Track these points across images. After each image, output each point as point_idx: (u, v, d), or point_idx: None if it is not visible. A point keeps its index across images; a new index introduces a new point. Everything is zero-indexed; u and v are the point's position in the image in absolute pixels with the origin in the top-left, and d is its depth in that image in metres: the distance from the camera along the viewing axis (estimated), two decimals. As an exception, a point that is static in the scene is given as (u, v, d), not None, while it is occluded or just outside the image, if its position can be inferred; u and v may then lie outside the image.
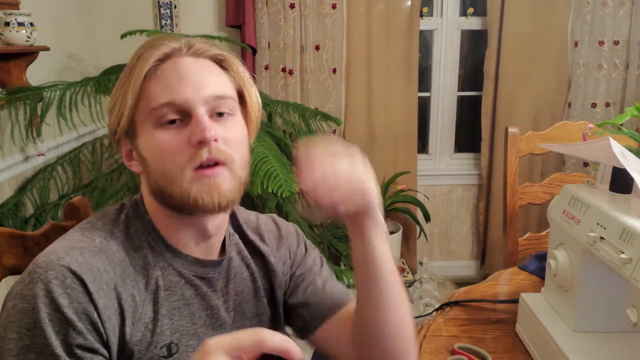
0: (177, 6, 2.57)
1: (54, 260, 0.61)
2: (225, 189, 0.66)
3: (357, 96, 2.69)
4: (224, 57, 0.71)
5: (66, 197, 1.90)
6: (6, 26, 1.69)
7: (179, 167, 0.65)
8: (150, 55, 0.67)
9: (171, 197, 0.67)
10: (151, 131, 0.66)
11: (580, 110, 2.68)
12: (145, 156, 0.68)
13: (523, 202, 1.47)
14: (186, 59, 0.68)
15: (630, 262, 0.68)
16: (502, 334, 0.98)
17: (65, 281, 0.60)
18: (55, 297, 0.59)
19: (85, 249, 0.64)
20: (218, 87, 0.68)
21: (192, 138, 0.64)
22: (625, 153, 0.77)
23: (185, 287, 0.71)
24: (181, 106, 0.65)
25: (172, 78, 0.66)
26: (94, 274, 0.62)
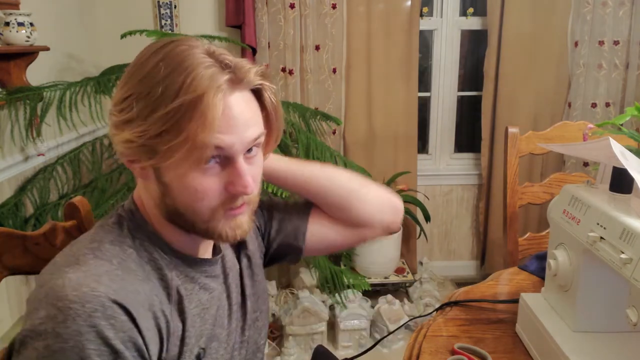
0: (177, 6, 2.57)
1: (88, 292, 0.57)
2: (246, 224, 0.69)
3: (357, 96, 2.69)
4: (264, 87, 0.68)
5: (66, 197, 1.90)
6: (6, 26, 1.69)
7: (211, 209, 0.65)
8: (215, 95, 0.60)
9: (190, 226, 0.67)
10: (187, 168, 0.62)
11: (580, 110, 2.68)
12: (169, 184, 0.64)
13: (523, 202, 1.47)
14: (235, 96, 0.63)
15: (630, 262, 0.68)
16: (502, 334, 0.98)
17: (107, 312, 0.57)
18: (100, 330, 0.55)
19: (111, 273, 0.61)
20: (257, 128, 0.66)
21: (231, 188, 0.65)
22: (625, 153, 0.77)
23: (200, 292, 0.71)
24: (225, 151, 0.63)
25: (222, 123, 0.61)
26: (131, 298, 0.60)
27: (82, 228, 0.90)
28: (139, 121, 0.61)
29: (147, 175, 0.66)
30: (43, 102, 1.82)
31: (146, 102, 0.61)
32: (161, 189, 0.66)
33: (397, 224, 0.95)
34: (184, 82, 0.60)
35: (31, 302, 0.59)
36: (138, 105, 0.61)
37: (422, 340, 0.96)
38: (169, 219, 0.68)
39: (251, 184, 0.65)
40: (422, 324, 1.03)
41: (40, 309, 0.57)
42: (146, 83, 0.61)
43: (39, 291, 0.60)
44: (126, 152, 0.64)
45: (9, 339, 0.84)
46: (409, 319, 2.31)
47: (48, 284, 0.59)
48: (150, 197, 0.69)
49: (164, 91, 0.60)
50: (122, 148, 0.64)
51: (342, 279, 2.12)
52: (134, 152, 0.63)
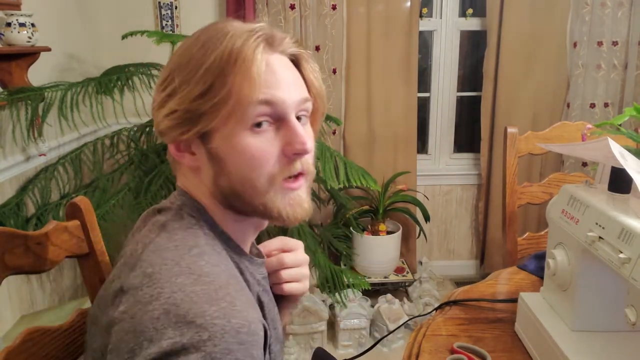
0: (177, 7, 2.57)
1: (229, 307, 0.52)
2: (307, 202, 0.65)
3: (357, 96, 2.69)
4: (302, 55, 0.67)
5: (67, 197, 1.90)
6: (7, 27, 1.70)
7: (270, 177, 0.60)
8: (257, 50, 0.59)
9: (248, 204, 0.62)
10: (239, 132, 0.59)
11: (579, 110, 2.68)
12: (224, 157, 0.60)
13: (522, 202, 1.47)
14: (274, 57, 0.62)
15: (628, 261, 0.68)
16: (501, 333, 0.98)
17: (251, 327, 0.52)
18: (248, 347, 0.51)
19: (231, 282, 0.56)
20: (302, 90, 0.64)
21: (289, 148, 0.60)
22: (623, 153, 0.77)
23: (263, 294, 0.68)
24: (277, 107, 0.60)
25: (267, 74, 0.59)
26: (256, 310, 0.56)
27: (84, 228, 0.90)
28: (181, 89, 0.60)
29: (198, 159, 0.63)
30: (44, 103, 1.82)
31: (187, 70, 0.60)
32: (214, 168, 0.61)
33: None
34: (221, 43, 0.59)
35: (137, 322, 0.51)
36: (179, 76, 0.60)
37: (422, 339, 0.97)
38: (226, 203, 0.63)
39: (309, 141, 0.61)
40: (421, 323, 1.04)
41: (164, 329, 0.49)
42: (186, 55, 0.61)
43: (147, 308, 0.51)
44: (172, 126, 0.61)
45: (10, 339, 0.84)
46: (408, 318, 2.32)
47: (161, 300, 0.51)
48: (203, 188, 0.64)
49: (204, 54, 0.59)
50: (167, 123, 0.61)
51: (342, 279, 2.12)
52: (179, 123, 0.60)
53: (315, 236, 2.28)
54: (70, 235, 0.89)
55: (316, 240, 2.21)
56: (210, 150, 0.61)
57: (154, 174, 1.87)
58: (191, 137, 0.61)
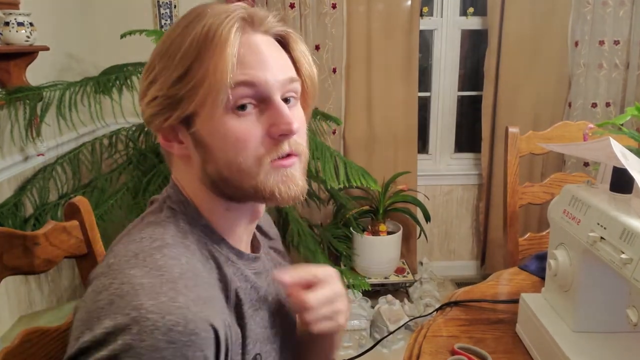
0: (177, 6, 2.57)
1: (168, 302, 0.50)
2: (300, 180, 0.63)
3: (357, 96, 2.69)
4: (289, 35, 0.64)
5: (66, 197, 1.90)
6: (6, 26, 1.69)
7: (256, 160, 0.59)
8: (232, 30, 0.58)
9: (238, 189, 0.61)
10: (221, 115, 0.58)
11: (581, 110, 2.68)
12: (208, 142, 0.59)
13: (523, 202, 1.47)
14: (257, 37, 0.60)
15: (630, 262, 0.68)
16: (502, 334, 0.98)
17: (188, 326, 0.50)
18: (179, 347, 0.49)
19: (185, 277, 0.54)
20: (288, 70, 0.62)
21: (273, 129, 0.59)
22: (625, 153, 0.77)
23: (252, 292, 0.65)
24: (259, 88, 0.58)
25: (247, 56, 0.58)
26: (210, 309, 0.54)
27: (83, 228, 0.90)
28: (161, 75, 0.59)
29: (186, 147, 0.62)
30: (43, 102, 1.82)
31: (167, 56, 0.59)
32: (201, 155, 0.61)
33: None
34: (200, 27, 0.58)
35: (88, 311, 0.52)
36: (160, 62, 0.60)
37: (422, 340, 0.96)
38: (216, 191, 0.62)
39: (294, 122, 0.59)
40: (422, 324, 1.03)
41: (103, 318, 0.50)
42: (166, 41, 0.61)
43: (98, 298, 0.52)
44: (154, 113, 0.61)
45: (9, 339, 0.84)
46: (409, 319, 2.31)
47: (110, 290, 0.52)
48: (193, 177, 0.63)
49: (182, 39, 0.59)
50: (150, 111, 0.61)
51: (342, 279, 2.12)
52: (161, 109, 0.60)
53: (315, 236, 2.27)
54: (68, 236, 0.88)
55: (316, 240, 2.21)
56: (194, 136, 0.60)
57: (153, 173, 1.87)
58: (175, 124, 0.60)
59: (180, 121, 0.60)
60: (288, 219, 2.07)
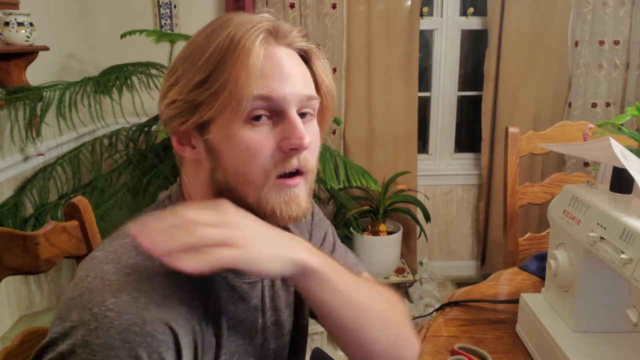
0: (176, 6, 2.57)
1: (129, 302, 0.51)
2: (304, 201, 0.62)
3: (357, 96, 2.69)
4: (312, 50, 0.64)
5: (66, 197, 1.90)
6: (6, 26, 1.69)
7: (263, 172, 0.58)
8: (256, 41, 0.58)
9: (242, 202, 0.59)
10: (236, 125, 0.58)
11: (581, 110, 2.68)
12: (219, 150, 0.59)
13: (523, 202, 1.47)
14: (280, 50, 0.61)
15: (630, 262, 0.68)
16: (502, 334, 0.98)
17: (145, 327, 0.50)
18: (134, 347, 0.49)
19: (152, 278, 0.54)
20: (308, 88, 0.62)
21: (285, 143, 0.58)
22: (625, 153, 0.77)
23: (238, 302, 0.64)
24: (276, 102, 0.58)
25: (268, 68, 0.58)
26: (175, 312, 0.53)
27: (83, 228, 0.90)
28: (182, 78, 0.59)
29: (198, 152, 0.61)
30: (43, 102, 1.82)
31: (190, 59, 0.59)
32: (212, 161, 0.60)
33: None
34: (223, 32, 0.59)
35: (64, 301, 0.53)
36: (182, 65, 0.60)
37: (422, 340, 0.96)
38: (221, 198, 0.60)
39: (307, 136, 0.58)
40: (422, 324, 1.03)
41: (72, 310, 0.51)
42: (191, 45, 0.61)
43: (74, 288, 0.54)
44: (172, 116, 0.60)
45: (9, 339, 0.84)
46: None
47: (84, 282, 0.53)
48: (201, 182, 0.63)
49: (207, 43, 0.59)
50: (168, 113, 0.61)
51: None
52: (179, 113, 0.59)
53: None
54: (68, 236, 0.89)
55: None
56: (207, 142, 0.60)
57: (153, 173, 1.87)
58: (190, 129, 0.60)
59: (196, 126, 0.60)
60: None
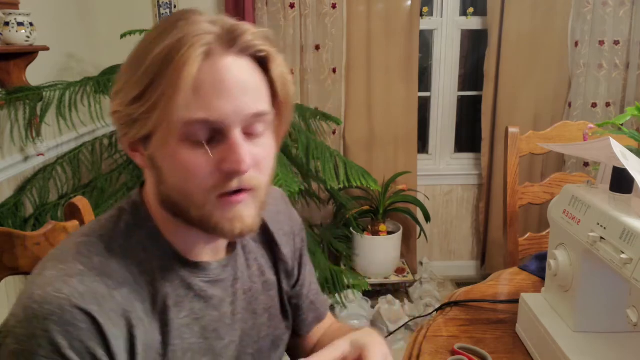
0: (176, 6, 2.57)
1: (51, 292, 0.53)
2: (248, 216, 0.60)
3: (357, 96, 2.69)
4: (269, 55, 0.59)
5: (66, 197, 1.90)
6: (6, 26, 1.69)
7: (203, 192, 0.57)
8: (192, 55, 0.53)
9: (186, 214, 0.59)
10: (176, 144, 0.55)
11: (581, 110, 2.68)
12: (161, 167, 0.58)
13: (523, 202, 1.47)
14: (227, 60, 0.56)
15: (630, 262, 0.68)
16: (502, 334, 0.98)
17: (64, 317, 0.52)
18: (52, 336, 0.51)
19: (85, 273, 0.56)
20: (257, 103, 0.57)
21: (224, 166, 0.56)
22: (625, 153, 0.77)
23: (194, 301, 0.64)
24: (216, 124, 0.55)
25: (210, 87, 0.54)
26: (99, 304, 0.54)
27: (82, 228, 0.90)
28: (123, 88, 0.57)
29: (145, 162, 0.61)
30: (43, 102, 1.82)
31: (133, 68, 0.56)
32: (155, 175, 0.60)
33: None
34: (163, 45, 0.54)
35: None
36: (126, 73, 0.57)
37: (422, 340, 0.96)
38: (167, 209, 0.61)
39: (247, 160, 0.55)
40: (422, 324, 1.03)
41: (18, 302, 0.55)
42: (137, 49, 0.58)
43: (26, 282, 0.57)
44: (116, 127, 0.59)
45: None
46: (408, 319, 2.31)
47: (31, 277, 0.57)
48: (152, 186, 0.63)
49: (148, 52, 0.55)
50: (113, 121, 0.60)
51: (342, 279, 2.12)
52: (121, 124, 0.58)
53: (315, 236, 2.28)
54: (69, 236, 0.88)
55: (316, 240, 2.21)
56: (149, 157, 0.59)
57: (153, 173, 1.87)
58: (133, 140, 0.59)
59: (139, 139, 0.58)
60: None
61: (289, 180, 1.63)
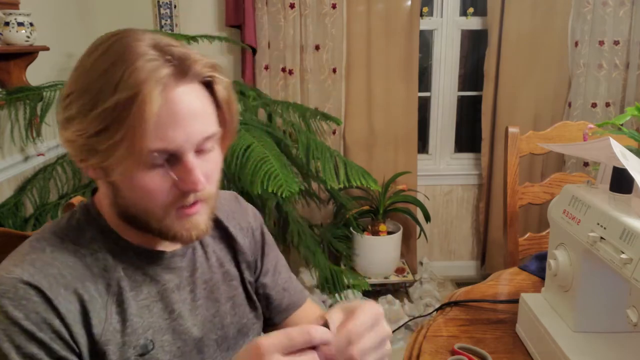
0: (177, 6, 2.57)
1: (3, 275, 0.60)
2: (203, 223, 0.67)
3: (357, 96, 2.69)
4: (215, 79, 0.65)
5: (66, 197, 1.90)
6: (6, 26, 1.69)
7: (162, 208, 0.64)
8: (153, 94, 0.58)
9: (145, 225, 0.66)
10: (134, 167, 0.60)
11: (581, 110, 2.68)
12: (119, 186, 0.63)
13: (523, 202, 1.47)
14: (179, 90, 0.60)
15: (630, 262, 0.68)
16: (502, 334, 0.98)
17: (18, 292, 0.58)
18: (7, 310, 0.57)
19: (36, 259, 0.62)
20: (207, 127, 0.64)
21: (182, 185, 0.62)
22: (625, 153, 0.77)
23: (150, 285, 0.70)
24: (172, 152, 0.61)
25: (166, 120, 0.59)
26: (49, 281, 0.60)
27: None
28: (78, 119, 0.60)
29: (97, 175, 0.65)
30: (43, 102, 1.82)
31: (85, 100, 0.59)
32: (111, 189, 0.65)
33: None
34: (122, 77, 0.57)
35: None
36: (78, 102, 0.60)
37: (422, 340, 0.96)
38: (124, 218, 0.67)
39: (202, 180, 0.62)
40: (422, 324, 1.03)
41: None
42: (86, 79, 0.60)
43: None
44: (70, 151, 0.63)
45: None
46: (408, 319, 2.31)
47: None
48: (105, 195, 0.68)
49: (102, 87, 0.58)
50: (67, 147, 0.63)
51: (342, 279, 2.12)
52: (77, 151, 0.62)
53: (315, 236, 2.27)
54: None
55: (316, 240, 2.21)
56: (110, 179, 0.63)
57: (153, 173, 1.86)
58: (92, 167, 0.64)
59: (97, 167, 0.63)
60: (288, 219, 2.07)
61: (289, 180, 1.63)
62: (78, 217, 0.69)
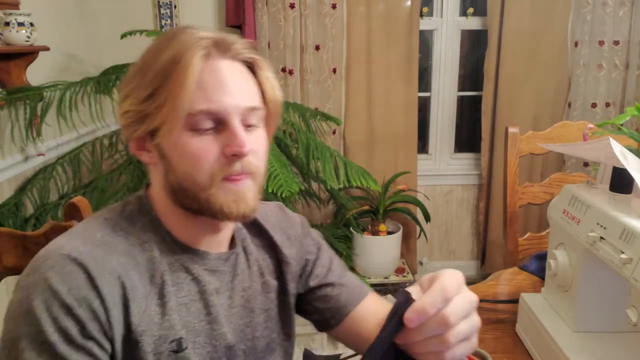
0: (177, 6, 2.57)
1: (54, 250, 0.61)
2: (251, 200, 0.67)
3: (357, 96, 2.69)
4: (256, 61, 0.69)
5: (66, 197, 1.90)
6: (6, 26, 1.69)
7: (209, 175, 0.65)
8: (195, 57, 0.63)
9: (194, 199, 0.66)
10: (183, 133, 0.64)
11: (581, 110, 2.68)
12: (170, 156, 0.66)
13: (523, 202, 1.47)
14: (224, 62, 0.66)
15: (630, 262, 0.68)
16: (502, 334, 0.98)
17: (65, 268, 0.59)
18: (52, 283, 0.58)
19: (87, 240, 0.64)
20: (252, 98, 0.67)
21: (227, 149, 0.64)
22: (625, 153, 0.77)
23: (192, 284, 0.70)
24: (218, 114, 0.64)
25: (211, 83, 0.64)
26: (96, 261, 0.61)
27: (82, 228, 0.90)
28: (134, 91, 0.66)
29: (153, 156, 0.68)
30: (43, 102, 1.82)
31: (141, 74, 0.66)
32: (164, 165, 0.67)
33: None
34: (167, 49, 0.64)
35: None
36: (135, 79, 0.66)
37: (422, 340, 0.96)
38: (175, 199, 0.68)
39: (247, 143, 0.64)
40: (422, 324, 1.03)
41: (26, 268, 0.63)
42: (143, 59, 0.67)
43: None
44: (126, 124, 0.67)
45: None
46: (409, 319, 2.31)
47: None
48: (158, 182, 0.70)
49: (154, 60, 0.65)
50: (123, 121, 0.67)
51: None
52: (132, 122, 0.66)
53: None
54: (68, 236, 0.88)
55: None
56: (158, 147, 0.67)
57: (153, 173, 1.86)
58: (143, 135, 0.67)
59: (147, 133, 0.67)
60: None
61: (289, 180, 1.63)
62: (131, 207, 0.71)
